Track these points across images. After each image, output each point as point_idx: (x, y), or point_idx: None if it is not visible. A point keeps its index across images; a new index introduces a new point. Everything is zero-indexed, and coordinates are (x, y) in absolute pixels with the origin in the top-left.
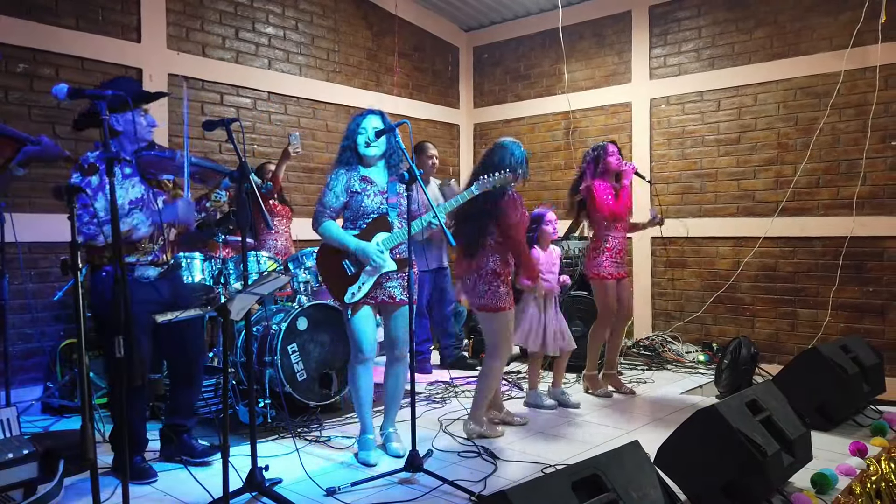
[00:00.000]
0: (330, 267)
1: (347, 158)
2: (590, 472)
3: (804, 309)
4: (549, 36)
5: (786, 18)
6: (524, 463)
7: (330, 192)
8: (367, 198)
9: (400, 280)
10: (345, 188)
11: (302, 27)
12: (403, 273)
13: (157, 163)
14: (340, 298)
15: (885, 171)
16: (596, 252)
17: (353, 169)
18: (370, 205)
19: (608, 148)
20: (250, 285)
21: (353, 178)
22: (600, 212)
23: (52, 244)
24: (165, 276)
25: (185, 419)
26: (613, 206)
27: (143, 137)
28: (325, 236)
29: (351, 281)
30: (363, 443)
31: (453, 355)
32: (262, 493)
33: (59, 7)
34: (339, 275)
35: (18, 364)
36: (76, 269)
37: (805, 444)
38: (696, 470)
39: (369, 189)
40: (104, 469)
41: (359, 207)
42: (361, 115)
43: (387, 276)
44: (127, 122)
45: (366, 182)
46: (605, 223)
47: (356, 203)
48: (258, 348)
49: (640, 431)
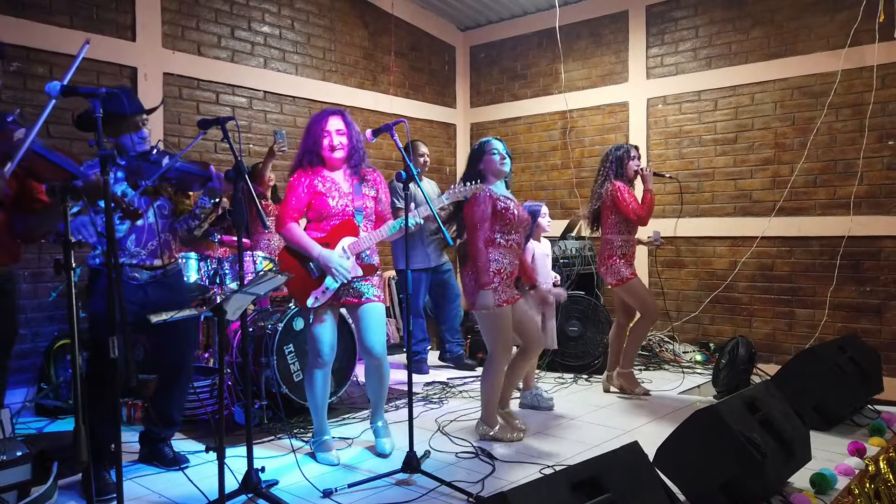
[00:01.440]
0: (293, 269)
1: (310, 160)
2: (589, 474)
3: (801, 309)
4: (545, 35)
5: (783, 18)
6: (522, 464)
7: (292, 193)
8: (331, 199)
9: (370, 280)
10: (306, 188)
11: (298, 26)
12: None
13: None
14: (302, 303)
15: (881, 170)
16: (612, 259)
17: (316, 171)
18: (335, 206)
19: (631, 151)
20: (247, 285)
21: (317, 180)
22: (625, 214)
23: (46, 245)
24: (159, 280)
25: (164, 429)
26: (639, 208)
27: (137, 150)
28: (287, 239)
29: (314, 285)
30: (320, 445)
31: (455, 352)
32: (259, 494)
33: (52, 5)
34: (303, 277)
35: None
36: (69, 268)
37: (804, 444)
38: (695, 470)
39: (333, 190)
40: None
41: (322, 209)
42: (322, 117)
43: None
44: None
45: (329, 183)
46: (628, 226)
47: (319, 204)
48: (254, 349)
49: (637, 432)
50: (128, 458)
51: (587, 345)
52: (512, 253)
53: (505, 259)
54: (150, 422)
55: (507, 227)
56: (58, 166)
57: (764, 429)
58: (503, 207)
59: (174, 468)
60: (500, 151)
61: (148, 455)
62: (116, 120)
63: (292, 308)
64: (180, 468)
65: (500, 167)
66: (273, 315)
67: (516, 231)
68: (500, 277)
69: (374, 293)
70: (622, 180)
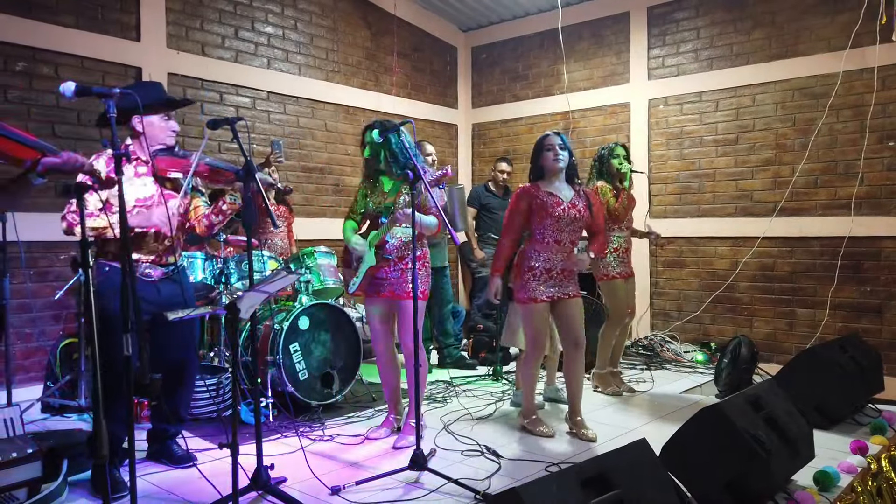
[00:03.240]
0: (345, 262)
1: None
2: (598, 471)
3: (802, 309)
4: (547, 36)
5: (784, 19)
6: (527, 462)
7: (354, 198)
8: (371, 200)
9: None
10: (363, 193)
11: (301, 27)
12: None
13: (171, 162)
14: (346, 289)
15: (882, 171)
16: (602, 254)
17: (374, 176)
18: (372, 206)
19: (615, 150)
20: (260, 283)
21: (368, 184)
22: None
23: (51, 243)
24: (170, 278)
25: (171, 425)
26: (613, 208)
27: (163, 141)
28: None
29: (353, 274)
30: None
31: (453, 355)
32: (268, 491)
33: (58, 6)
34: (349, 267)
35: (19, 363)
36: (87, 265)
37: (808, 442)
38: (700, 468)
39: (375, 191)
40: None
41: (366, 209)
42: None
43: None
44: (147, 124)
45: (375, 185)
46: (608, 224)
47: (366, 205)
48: (260, 347)
49: (640, 430)
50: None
51: (588, 344)
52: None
53: (541, 256)
54: (159, 419)
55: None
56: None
57: (768, 427)
58: (540, 203)
59: (184, 465)
60: (555, 145)
61: (157, 453)
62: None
63: (297, 307)
64: (194, 464)
65: (552, 163)
66: (279, 314)
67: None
68: (533, 274)
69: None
70: (606, 179)
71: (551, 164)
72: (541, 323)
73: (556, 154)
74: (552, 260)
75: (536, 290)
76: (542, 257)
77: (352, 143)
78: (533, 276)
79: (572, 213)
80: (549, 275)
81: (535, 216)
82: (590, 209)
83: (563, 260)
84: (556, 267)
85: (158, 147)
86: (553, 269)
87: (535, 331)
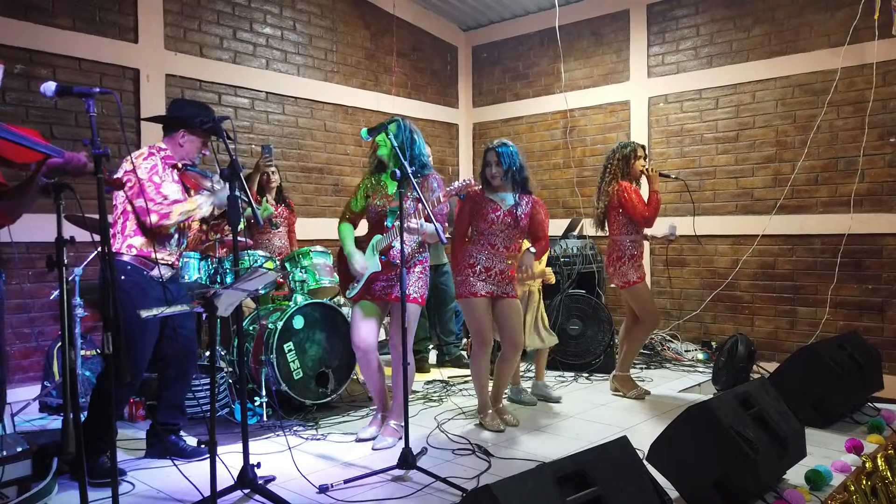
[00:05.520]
0: (342, 264)
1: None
2: (575, 467)
3: (803, 307)
4: (547, 35)
5: (783, 16)
6: (518, 460)
7: (352, 196)
8: (374, 201)
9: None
10: (364, 193)
11: (300, 27)
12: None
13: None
14: (343, 293)
15: (883, 167)
16: (621, 261)
17: (375, 175)
18: (373, 208)
19: (638, 151)
20: (237, 280)
21: (370, 183)
22: (632, 215)
23: (49, 244)
24: (174, 277)
25: (177, 418)
26: (644, 210)
27: (192, 158)
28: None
29: (353, 278)
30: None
31: (452, 353)
32: (255, 490)
33: (55, 7)
34: (348, 271)
35: (17, 363)
36: (62, 265)
37: (799, 440)
38: (688, 466)
39: (378, 193)
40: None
41: (368, 209)
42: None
43: (383, 276)
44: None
45: (378, 185)
46: (636, 226)
47: (369, 206)
48: (254, 347)
49: (636, 429)
50: (135, 454)
51: (588, 343)
52: (486, 252)
53: (480, 256)
54: (164, 414)
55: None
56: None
57: (757, 425)
58: (478, 208)
59: (196, 458)
60: (491, 162)
61: (164, 450)
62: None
63: (291, 306)
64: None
65: (489, 177)
66: (273, 313)
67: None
68: (473, 271)
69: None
70: (627, 180)
71: (488, 177)
72: (482, 316)
73: (492, 170)
74: (490, 260)
75: (475, 286)
76: (481, 257)
77: (351, 144)
78: (472, 273)
79: (507, 220)
80: (487, 273)
81: (474, 220)
82: (533, 217)
83: (499, 262)
84: (495, 267)
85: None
86: (492, 269)
87: (478, 324)
